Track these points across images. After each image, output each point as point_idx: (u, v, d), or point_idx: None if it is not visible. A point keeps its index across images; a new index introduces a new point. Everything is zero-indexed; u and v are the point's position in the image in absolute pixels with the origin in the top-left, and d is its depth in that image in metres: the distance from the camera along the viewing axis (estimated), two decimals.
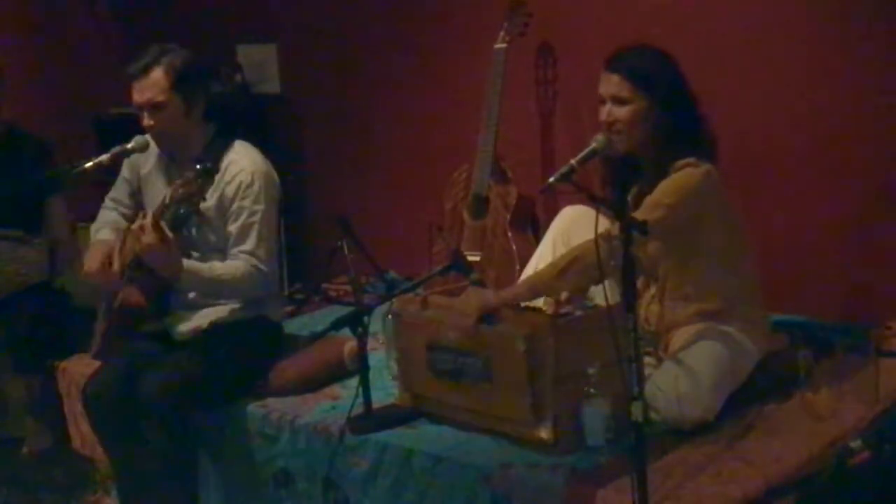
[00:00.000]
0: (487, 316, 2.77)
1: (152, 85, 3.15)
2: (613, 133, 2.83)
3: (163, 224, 2.97)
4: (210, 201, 3.12)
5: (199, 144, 3.27)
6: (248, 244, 3.19)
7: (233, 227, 3.20)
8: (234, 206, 3.19)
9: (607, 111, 2.84)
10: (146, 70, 3.15)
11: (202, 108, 3.27)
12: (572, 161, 2.63)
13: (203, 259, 3.21)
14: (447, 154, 4.19)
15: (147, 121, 3.19)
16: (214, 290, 3.21)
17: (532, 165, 4.03)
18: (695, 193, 2.77)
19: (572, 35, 3.97)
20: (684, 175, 2.77)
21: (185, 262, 3.08)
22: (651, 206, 2.73)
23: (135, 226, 3.02)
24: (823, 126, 3.53)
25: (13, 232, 4.07)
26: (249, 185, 3.19)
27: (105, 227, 3.40)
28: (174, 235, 3.00)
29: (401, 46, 4.53)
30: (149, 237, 2.95)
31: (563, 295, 2.80)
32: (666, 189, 2.76)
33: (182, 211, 3.02)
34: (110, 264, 3.22)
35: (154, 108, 3.16)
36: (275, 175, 3.29)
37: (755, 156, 3.53)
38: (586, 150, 2.74)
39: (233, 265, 3.18)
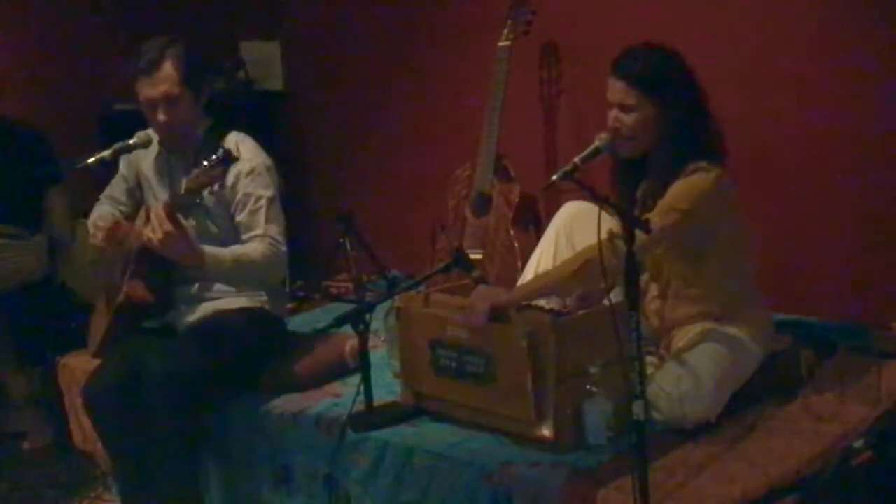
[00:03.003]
0: (496, 314, 2.76)
1: (165, 79, 3.13)
2: (621, 139, 2.81)
3: (176, 213, 2.97)
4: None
5: (198, 136, 3.27)
6: (259, 227, 3.19)
7: (241, 217, 3.21)
8: (238, 195, 3.19)
9: (614, 117, 2.83)
10: (157, 64, 3.13)
11: (205, 100, 3.27)
12: (575, 159, 2.61)
13: None
14: (450, 151, 4.19)
15: (161, 115, 3.16)
16: (238, 273, 3.18)
17: (535, 163, 4.03)
18: (708, 199, 2.76)
19: (576, 33, 3.96)
20: (697, 180, 2.76)
21: (206, 249, 3.07)
22: (665, 211, 2.72)
23: (151, 215, 2.99)
24: (827, 125, 3.53)
25: (11, 228, 4.06)
26: (249, 173, 3.19)
27: (102, 214, 3.40)
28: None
29: (405, 44, 4.52)
30: (165, 226, 2.94)
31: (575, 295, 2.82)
32: (679, 194, 2.75)
33: (188, 200, 3.00)
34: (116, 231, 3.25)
35: (169, 101, 3.14)
36: (271, 163, 3.29)
37: (758, 155, 3.52)
38: (590, 149, 2.72)
39: (251, 246, 3.17)
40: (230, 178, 3.15)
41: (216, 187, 2.96)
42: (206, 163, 2.92)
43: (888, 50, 3.38)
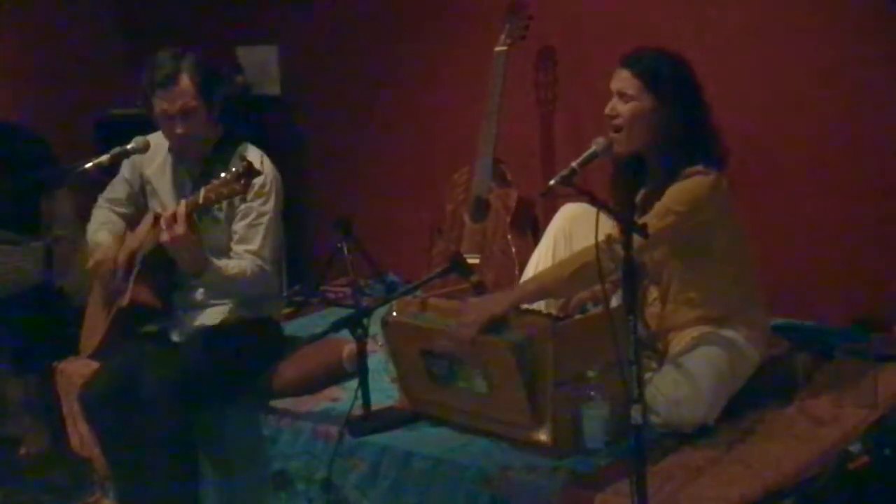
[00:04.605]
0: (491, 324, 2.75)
1: (183, 92, 3.11)
2: (613, 129, 2.83)
3: (194, 217, 2.97)
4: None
5: (209, 145, 3.27)
6: (255, 244, 3.19)
7: (239, 226, 3.20)
8: (244, 205, 3.19)
9: (611, 105, 2.85)
10: (174, 78, 3.10)
11: (218, 111, 3.25)
12: (573, 164, 2.62)
13: None
14: (447, 156, 4.20)
15: (179, 128, 3.14)
16: (226, 287, 3.21)
17: (532, 168, 4.04)
18: (705, 201, 2.77)
19: (573, 38, 3.97)
20: (695, 183, 2.77)
21: (213, 260, 3.08)
22: (661, 213, 2.73)
23: (175, 213, 2.98)
24: (827, 131, 3.53)
25: (7, 234, 4.05)
26: (261, 187, 3.18)
27: (102, 229, 3.39)
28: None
29: (402, 49, 4.53)
30: (181, 228, 2.94)
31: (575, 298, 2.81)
32: (676, 196, 2.76)
33: (205, 209, 3.00)
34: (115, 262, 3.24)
35: (186, 114, 3.12)
36: (280, 179, 3.29)
37: (758, 160, 3.53)
38: (587, 153, 2.73)
39: (241, 264, 3.17)
40: None
41: (236, 201, 2.96)
42: (224, 174, 2.91)
43: (887, 51, 3.39)
